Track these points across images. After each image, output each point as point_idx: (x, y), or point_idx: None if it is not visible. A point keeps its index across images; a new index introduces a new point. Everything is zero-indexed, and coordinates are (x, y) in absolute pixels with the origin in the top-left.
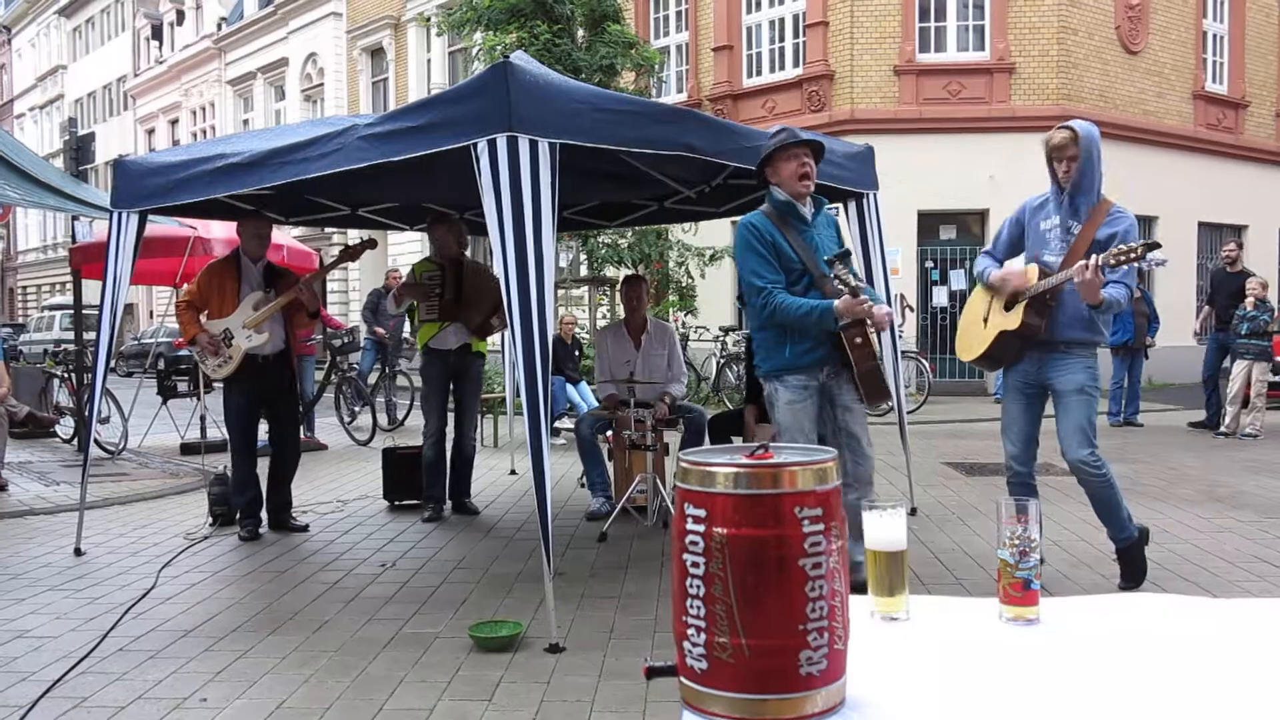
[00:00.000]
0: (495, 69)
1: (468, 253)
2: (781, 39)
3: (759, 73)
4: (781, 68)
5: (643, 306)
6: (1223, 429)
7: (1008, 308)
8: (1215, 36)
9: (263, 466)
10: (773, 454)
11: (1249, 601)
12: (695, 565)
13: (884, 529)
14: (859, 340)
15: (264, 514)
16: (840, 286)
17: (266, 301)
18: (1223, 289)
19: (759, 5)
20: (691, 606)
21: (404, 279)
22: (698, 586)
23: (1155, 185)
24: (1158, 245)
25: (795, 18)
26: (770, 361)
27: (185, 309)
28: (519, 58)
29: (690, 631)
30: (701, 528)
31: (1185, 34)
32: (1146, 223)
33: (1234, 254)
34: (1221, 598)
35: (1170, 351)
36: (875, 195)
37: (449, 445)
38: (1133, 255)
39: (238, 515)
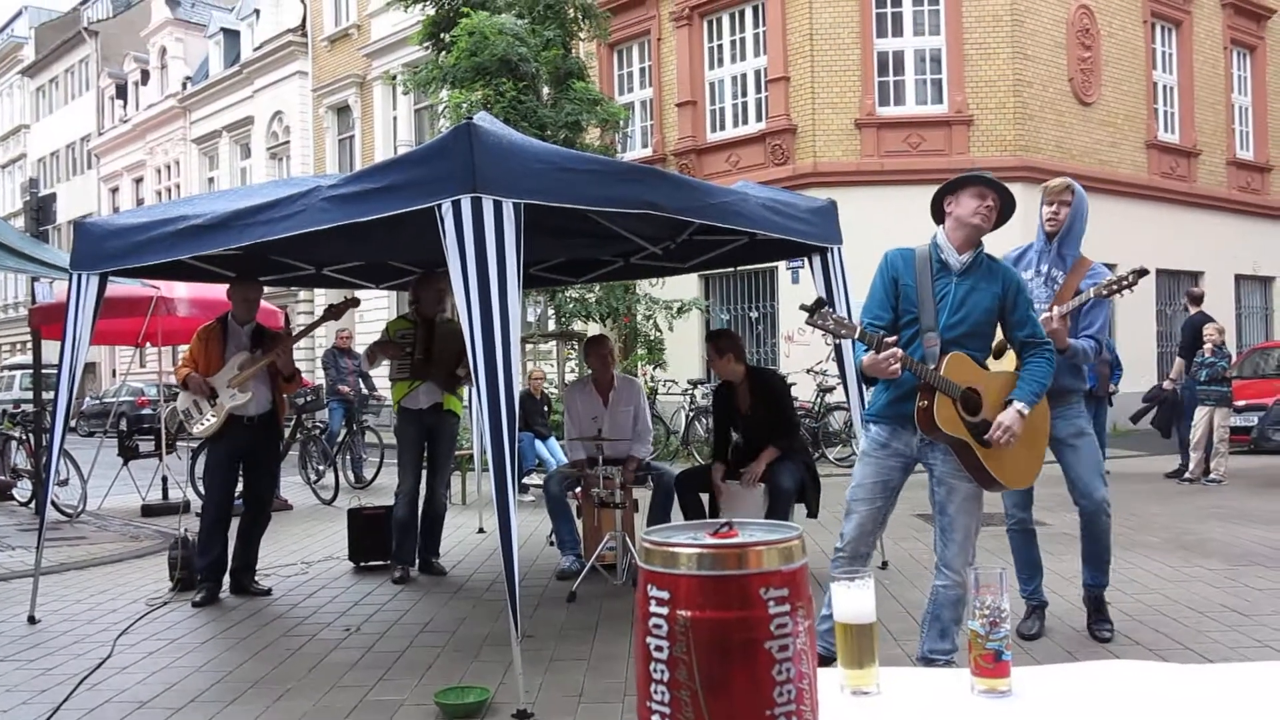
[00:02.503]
0: (458, 130)
1: (446, 313)
2: (744, 94)
3: (722, 127)
4: (745, 122)
5: (611, 364)
6: (1187, 475)
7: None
8: (1165, 87)
9: (233, 526)
10: (737, 532)
11: (1221, 667)
12: (659, 649)
13: (852, 601)
14: (923, 405)
15: (225, 578)
16: (835, 330)
17: (252, 363)
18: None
19: (721, 61)
20: (655, 692)
21: (346, 334)
22: (662, 671)
23: (1112, 233)
24: (1146, 272)
25: (757, 73)
26: (869, 404)
27: (182, 370)
28: (482, 118)
29: (654, 718)
30: (665, 610)
31: (1136, 85)
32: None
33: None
34: (1195, 652)
35: (1133, 399)
36: (839, 249)
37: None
38: (1125, 283)
39: (199, 578)
